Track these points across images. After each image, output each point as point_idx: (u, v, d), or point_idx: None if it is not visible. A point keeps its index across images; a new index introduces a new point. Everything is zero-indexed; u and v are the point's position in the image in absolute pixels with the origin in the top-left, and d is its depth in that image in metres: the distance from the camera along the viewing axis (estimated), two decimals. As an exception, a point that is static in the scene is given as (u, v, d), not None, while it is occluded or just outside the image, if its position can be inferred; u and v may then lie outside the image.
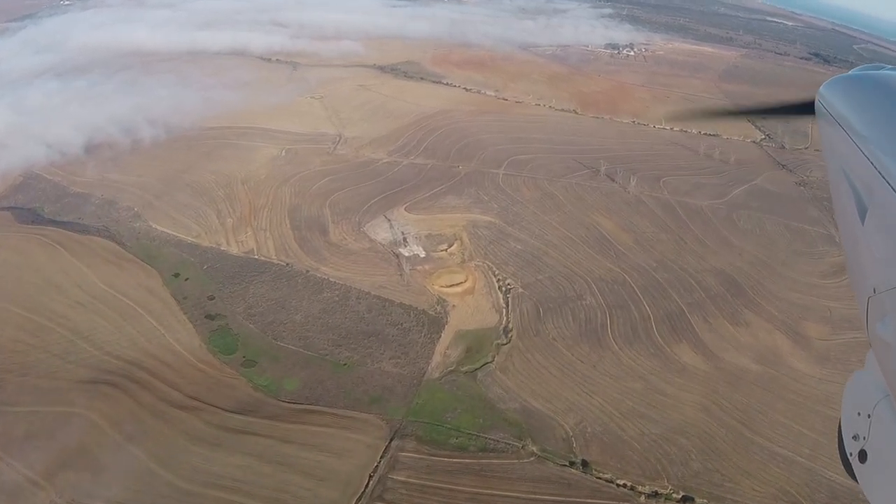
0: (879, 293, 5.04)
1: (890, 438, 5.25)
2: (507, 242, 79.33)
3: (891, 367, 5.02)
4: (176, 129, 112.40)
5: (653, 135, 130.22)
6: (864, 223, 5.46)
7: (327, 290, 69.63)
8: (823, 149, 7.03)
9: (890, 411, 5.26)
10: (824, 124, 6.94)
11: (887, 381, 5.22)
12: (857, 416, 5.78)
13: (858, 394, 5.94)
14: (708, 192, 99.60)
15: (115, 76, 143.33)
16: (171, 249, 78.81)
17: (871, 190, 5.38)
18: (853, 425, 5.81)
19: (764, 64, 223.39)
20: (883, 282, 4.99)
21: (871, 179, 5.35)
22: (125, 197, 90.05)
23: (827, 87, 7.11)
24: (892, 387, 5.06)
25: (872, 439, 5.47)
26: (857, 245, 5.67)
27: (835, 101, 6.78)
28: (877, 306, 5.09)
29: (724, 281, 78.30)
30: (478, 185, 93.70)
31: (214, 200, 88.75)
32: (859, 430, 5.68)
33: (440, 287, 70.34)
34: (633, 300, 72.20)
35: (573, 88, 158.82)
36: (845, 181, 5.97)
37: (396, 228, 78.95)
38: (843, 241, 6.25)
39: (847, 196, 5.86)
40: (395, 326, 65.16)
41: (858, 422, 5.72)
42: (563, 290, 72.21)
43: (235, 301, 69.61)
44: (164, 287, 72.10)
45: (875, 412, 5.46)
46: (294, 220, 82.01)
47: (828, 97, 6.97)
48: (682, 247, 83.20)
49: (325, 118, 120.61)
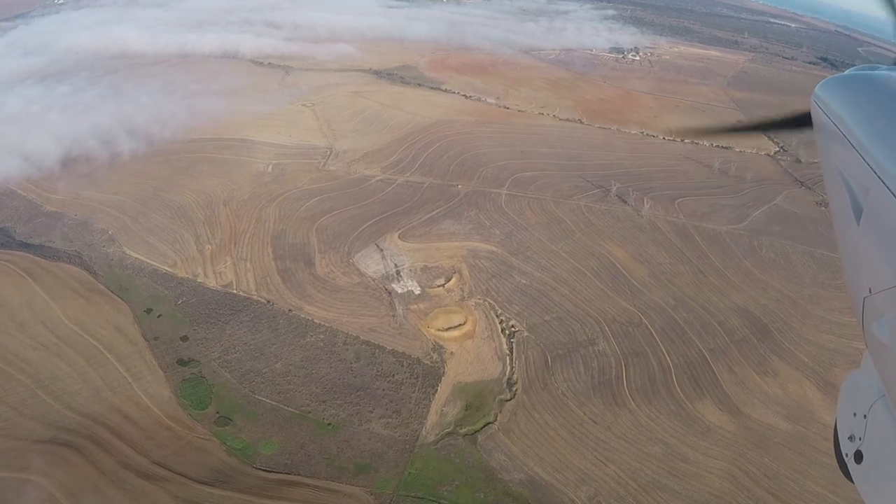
0: (875, 293, 5.02)
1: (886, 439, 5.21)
2: (511, 276, 72.31)
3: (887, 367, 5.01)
4: (157, 141, 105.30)
5: (663, 148, 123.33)
6: (859, 223, 5.43)
7: (311, 334, 62.53)
8: (819, 149, 6.90)
9: (886, 412, 5.25)
10: (820, 125, 6.86)
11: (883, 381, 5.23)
12: (853, 416, 5.74)
13: (854, 394, 5.89)
14: (726, 215, 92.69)
15: (100, 81, 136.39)
16: (144, 280, 71.97)
17: (866, 190, 5.34)
18: (849, 426, 5.76)
19: (772, 69, 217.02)
20: (878, 282, 4.96)
21: (866, 179, 5.31)
22: (100, 218, 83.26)
23: (822, 87, 7.02)
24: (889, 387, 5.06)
25: (868, 440, 5.43)
26: (853, 245, 5.70)
27: (830, 102, 6.70)
28: (872, 307, 5.07)
29: (749, 321, 71.52)
30: (478, 207, 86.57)
31: (193, 223, 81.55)
32: (855, 431, 5.63)
33: (437, 330, 63.34)
34: (650, 346, 65.35)
35: (578, 96, 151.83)
36: (841, 181, 5.94)
37: (389, 260, 71.85)
38: (838, 242, 6.13)
39: (842, 196, 5.82)
40: (386, 379, 58.11)
41: (854, 422, 5.68)
42: (574, 334, 65.30)
43: (210, 344, 62.61)
44: (134, 325, 65.45)
45: (871, 413, 5.45)
46: (277, 249, 74.81)
47: (823, 98, 6.89)
48: (701, 281, 76.36)
49: (315, 129, 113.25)
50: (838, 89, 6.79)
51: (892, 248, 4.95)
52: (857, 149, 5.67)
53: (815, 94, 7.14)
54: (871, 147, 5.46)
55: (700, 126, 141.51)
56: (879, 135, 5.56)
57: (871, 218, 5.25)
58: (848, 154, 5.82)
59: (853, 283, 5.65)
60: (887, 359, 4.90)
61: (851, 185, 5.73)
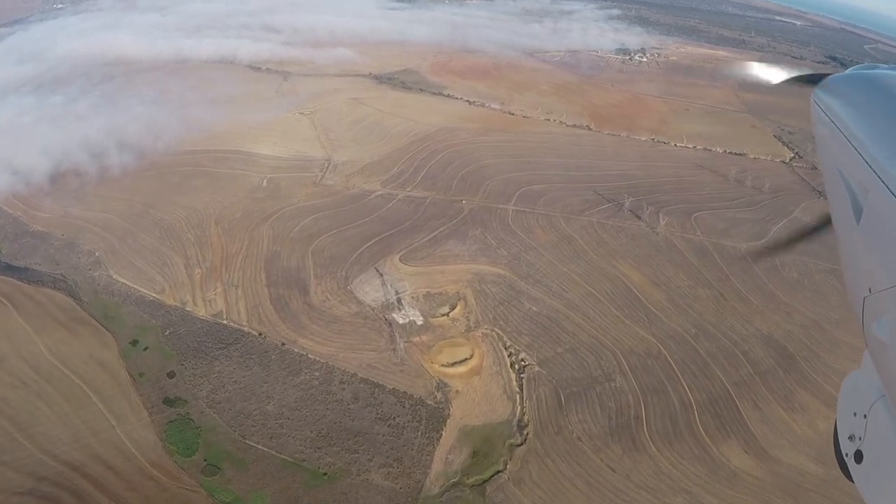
0: (875, 293, 5.00)
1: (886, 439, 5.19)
2: (520, 302, 67.79)
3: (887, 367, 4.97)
4: (149, 154, 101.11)
5: (676, 155, 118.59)
6: (859, 223, 5.40)
7: (306, 371, 58.13)
8: (819, 148, 6.83)
9: (886, 412, 5.23)
10: (820, 124, 6.81)
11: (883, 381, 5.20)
12: (853, 416, 5.70)
13: (854, 394, 5.85)
14: (746, 231, 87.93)
15: (94, 90, 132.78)
16: (130, 308, 67.86)
17: (866, 190, 5.31)
18: (849, 426, 5.72)
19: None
20: (878, 282, 4.93)
21: (866, 179, 5.29)
22: (87, 238, 79.25)
23: (822, 87, 6.97)
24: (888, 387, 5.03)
25: (868, 440, 5.41)
26: (853, 245, 5.66)
27: (830, 101, 6.66)
28: (872, 306, 5.05)
29: (775, 351, 66.93)
30: (484, 225, 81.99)
31: (183, 245, 77.27)
32: (855, 431, 5.60)
33: (441, 366, 58.86)
34: (670, 381, 60.81)
35: (585, 100, 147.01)
36: (841, 181, 5.90)
37: (389, 286, 67.37)
38: (838, 242, 6.09)
39: (842, 196, 5.79)
40: (386, 422, 53.69)
41: (854, 422, 5.65)
42: (588, 368, 60.78)
43: (199, 381, 58.33)
44: (119, 359, 61.44)
45: (871, 413, 5.42)
46: (271, 274, 70.42)
47: (823, 97, 6.86)
48: (722, 305, 71.73)
49: (313, 139, 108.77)
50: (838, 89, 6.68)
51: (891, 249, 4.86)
52: (857, 149, 5.57)
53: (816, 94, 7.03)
54: (870, 147, 5.37)
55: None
56: (879, 135, 5.46)
57: (870, 218, 5.18)
58: (848, 154, 5.73)
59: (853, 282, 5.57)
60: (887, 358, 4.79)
61: (851, 184, 5.64)
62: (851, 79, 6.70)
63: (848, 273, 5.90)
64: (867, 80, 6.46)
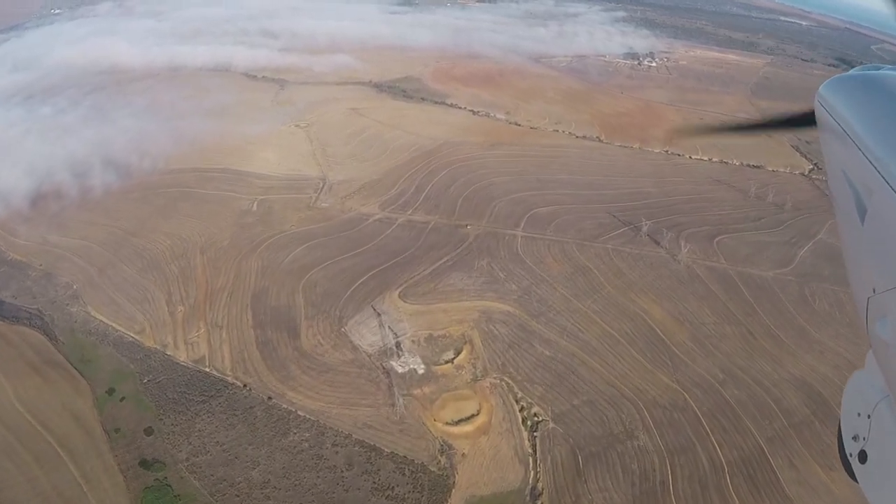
0: (879, 293, 4.90)
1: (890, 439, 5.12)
2: (532, 345, 61.79)
3: (890, 367, 4.91)
4: (135, 173, 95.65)
5: (692, 170, 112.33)
6: (863, 224, 5.30)
7: (295, 431, 52.23)
8: (823, 150, 6.69)
9: (890, 412, 5.16)
10: (823, 125, 6.67)
11: (887, 381, 5.13)
12: (857, 416, 5.61)
13: (858, 394, 5.76)
14: (771, 256, 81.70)
15: (85, 100, 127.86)
16: (108, 350, 62.55)
17: (870, 190, 5.19)
18: (853, 426, 5.64)
19: (792, 73, 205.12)
20: (882, 282, 4.84)
21: (870, 180, 5.16)
22: (65, 268, 74.11)
23: (826, 87, 6.80)
24: (892, 387, 4.96)
25: (872, 440, 5.32)
26: (857, 246, 5.57)
27: (834, 102, 6.48)
28: (876, 307, 4.95)
29: (808, 397, 60.75)
30: (491, 254, 75.96)
31: (166, 278, 71.56)
32: (859, 431, 5.51)
33: (445, 424, 52.90)
34: (698, 437, 54.74)
35: (594, 109, 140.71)
36: (845, 182, 5.79)
37: (387, 328, 61.43)
38: (842, 242, 5.98)
39: (846, 197, 5.69)
40: (384, 493, 47.76)
41: (858, 422, 5.56)
42: (608, 424, 54.75)
43: (178, 440, 52.64)
44: (93, 410, 56.39)
45: (875, 413, 5.32)
46: (258, 314, 64.55)
47: (827, 98, 6.66)
48: (751, 345, 65.60)
49: (308, 155, 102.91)
50: (842, 89, 6.51)
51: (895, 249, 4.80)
52: (861, 149, 5.46)
53: (819, 94, 6.84)
54: (875, 148, 5.25)
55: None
56: (884, 135, 5.34)
57: (875, 218, 5.09)
58: (852, 154, 5.62)
59: (857, 283, 5.50)
60: (891, 359, 4.77)
61: (856, 185, 5.52)
62: (855, 79, 6.39)
63: (852, 273, 5.64)
64: (871, 81, 6.15)
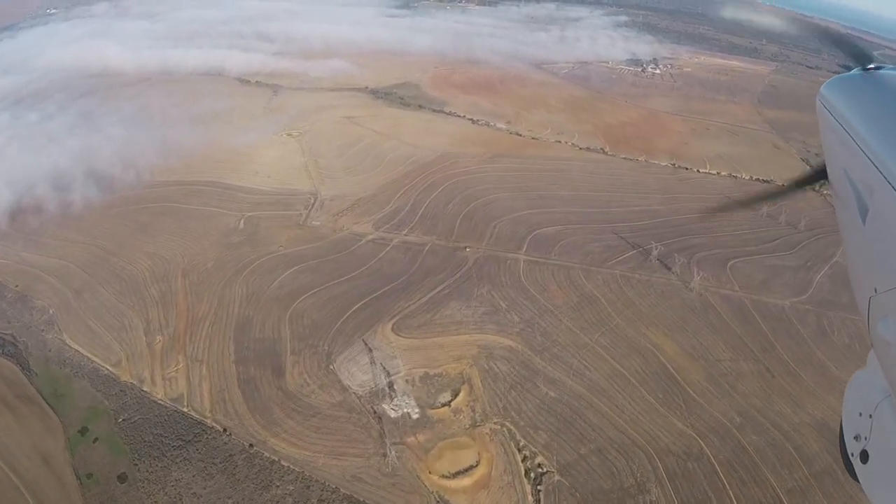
0: (881, 293, 4.90)
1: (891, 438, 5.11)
2: (535, 386, 57.15)
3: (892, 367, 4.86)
4: (118, 186, 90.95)
5: (700, 184, 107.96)
6: (865, 223, 5.31)
7: (278, 484, 47.53)
8: (825, 149, 6.70)
9: (891, 412, 5.15)
10: (825, 125, 6.67)
11: (888, 381, 5.09)
12: (858, 416, 5.60)
13: (860, 394, 5.74)
14: (787, 283, 77.29)
15: (73, 105, 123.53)
16: (82, 384, 58.36)
17: (871, 190, 5.19)
18: (855, 426, 5.63)
19: (799, 81, 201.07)
20: (884, 282, 4.84)
21: (872, 179, 5.18)
22: (41, 290, 69.78)
23: (827, 87, 6.83)
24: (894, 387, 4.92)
25: (874, 440, 5.31)
26: (859, 245, 5.57)
27: (835, 102, 6.50)
28: (878, 306, 4.96)
29: (830, 443, 56.20)
30: (491, 280, 71.34)
31: (145, 303, 66.86)
32: (861, 431, 5.51)
33: (441, 477, 48.25)
34: (715, 490, 50.23)
35: (598, 119, 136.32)
36: (846, 181, 5.79)
37: (379, 366, 56.73)
38: (844, 242, 5.99)
39: (848, 196, 5.69)
40: (372, 560, 43.18)
41: (860, 422, 5.55)
42: (618, 476, 50.17)
43: (153, 490, 48.14)
44: (65, 452, 52.46)
45: (876, 413, 5.32)
46: (241, 347, 59.80)
47: (828, 97, 6.69)
48: (769, 384, 61.13)
49: (300, 167, 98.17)
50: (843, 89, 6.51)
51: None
52: (862, 149, 5.47)
53: (821, 94, 6.82)
54: (876, 147, 5.26)
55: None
56: (885, 135, 5.35)
57: (876, 218, 5.10)
58: (853, 154, 5.63)
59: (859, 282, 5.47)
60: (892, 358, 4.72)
61: (857, 185, 5.53)
62: (856, 79, 6.42)
63: (854, 273, 5.66)
64: (872, 81, 6.21)
